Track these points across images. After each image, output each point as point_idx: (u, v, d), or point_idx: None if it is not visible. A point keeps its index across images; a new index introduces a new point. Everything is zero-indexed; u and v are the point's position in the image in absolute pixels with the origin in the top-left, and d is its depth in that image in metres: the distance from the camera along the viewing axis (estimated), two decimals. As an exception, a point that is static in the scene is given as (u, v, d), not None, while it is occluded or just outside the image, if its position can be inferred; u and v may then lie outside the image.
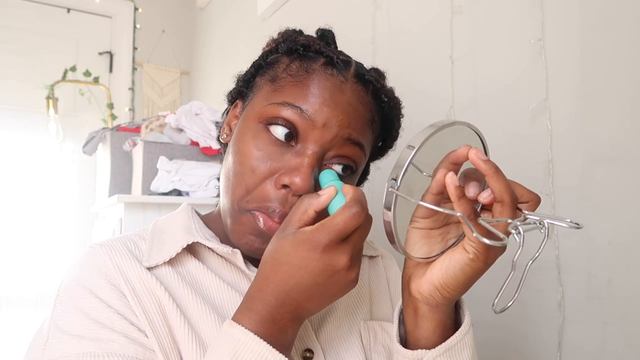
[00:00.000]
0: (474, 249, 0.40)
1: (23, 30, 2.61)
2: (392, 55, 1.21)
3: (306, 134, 0.49)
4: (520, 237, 0.36)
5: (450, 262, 0.42)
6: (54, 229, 2.57)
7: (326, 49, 0.54)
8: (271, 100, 0.51)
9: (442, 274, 0.43)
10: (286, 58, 0.55)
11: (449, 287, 0.43)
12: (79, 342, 0.44)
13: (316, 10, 1.57)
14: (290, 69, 0.53)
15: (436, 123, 0.40)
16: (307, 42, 0.54)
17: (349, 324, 0.56)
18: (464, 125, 0.41)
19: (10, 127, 2.53)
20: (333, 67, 0.52)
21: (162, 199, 1.47)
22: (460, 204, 0.38)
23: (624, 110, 0.73)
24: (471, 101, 0.98)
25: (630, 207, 0.71)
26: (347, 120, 0.50)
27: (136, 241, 0.54)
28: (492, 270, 0.43)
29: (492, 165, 0.38)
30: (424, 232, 0.45)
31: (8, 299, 2.42)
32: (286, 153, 0.50)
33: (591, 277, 0.75)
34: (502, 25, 0.93)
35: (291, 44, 0.55)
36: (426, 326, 0.46)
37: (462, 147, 0.39)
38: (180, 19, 2.99)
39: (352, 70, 0.53)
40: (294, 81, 0.52)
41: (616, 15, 0.74)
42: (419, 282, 0.45)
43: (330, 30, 0.61)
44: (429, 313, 0.45)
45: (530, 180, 0.84)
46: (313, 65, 0.52)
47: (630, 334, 0.70)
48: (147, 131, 1.65)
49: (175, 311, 0.48)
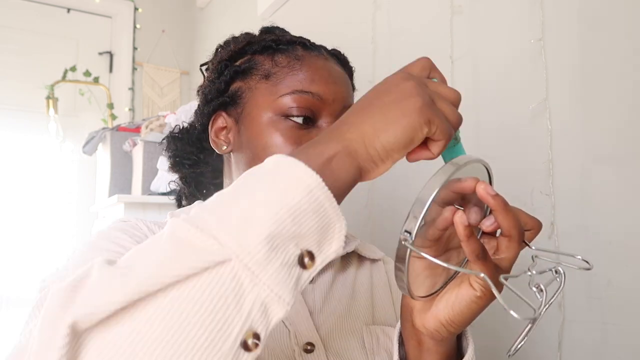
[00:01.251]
0: (481, 287, 0.39)
1: (23, 30, 2.60)
2: (392, 55, 1.21)
3: (320, 112, 0.55)
4: (542, 296, 0.35)
5: (456, 298, 0.41)
6: (54, 229, 2.57)
7: (293, 37, 0.60)
8: (278, 93, 0.55)
9: (449, 311, 0.41)
10: (263, 56, 0.58)
11: (454, 323, 0.41)
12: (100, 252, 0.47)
13: (316, 11, 1.57)
14: (279, 62, 0.57)
15: (454, 161, 0.38)
16: (276, 37, 0.59)
17: (351, 326, 0.56)
18: (479, 163, 0.40)
19: (10, 127, 2.53)
20: (312, 49, 0.58)
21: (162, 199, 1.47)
22: (469, 244, 0.36)
23: (624, 110, 0.73)
24: (471, 101, 0.98)
25: (630, 207, 0.71)
26: (347, 90, 0.58)
27: (154, 229, 0.56)
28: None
29: (501, 201, 0.37)
30: (426, 263, 0.42)
31: (8, 299, 2.42)
32: (310, 133, 0.55)
33: (591, 277, 0.75)
34: (502, 25, 0.93)
35: (262, 43, 0.59)
36: (430, 358, 0.45)
37: (470, 180, 0.38)
38: (180, 19, 2.99)
39: (323, 49, 0.60)
40: (290, 71, 0.56)
41: (616, 15, 0.74)
42: (423, 316, 0.43)
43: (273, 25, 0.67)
44: (434, 347, 0.44)
45: (530, 180, 0.84)
46: (297, 52, 0.57)
47: (630, 334, 0.70)
48: (147, 131, 1.65)
49: None
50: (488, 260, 0.37)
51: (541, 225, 0.40)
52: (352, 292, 0.60)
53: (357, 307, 0.58)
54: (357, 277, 0.62)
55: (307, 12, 1.62)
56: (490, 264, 0.37)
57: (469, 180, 0.38)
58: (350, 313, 0.57)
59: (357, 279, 0.61)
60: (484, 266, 0.37)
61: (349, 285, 0.60)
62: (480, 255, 0.37)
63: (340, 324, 0.55)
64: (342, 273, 0.61)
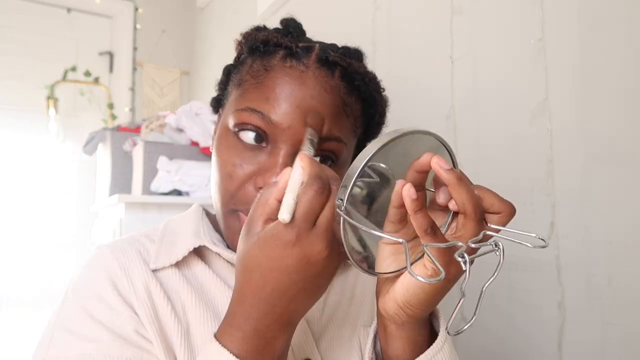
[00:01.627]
0: (433, 266, 0.36)
1: (23, 30, 2.60)
2: (392, 55, 1.21)
3: (274, 135, 0.49)
4: (466, 266, 0.33)
5: (410, 279, 0.39)
6: (54, 229, 2.57)
7: (284, 39, 0.52)
8: (237, 106, 0.51)
9: (404, 292, 0.39)
10: (250, 58, 0.54)
11: (411, 305, 0.40)
12: (81, 343, 0.45)
13: (316, 11, 1.57)
14: (252, 69, 0.52)
15: (397, 130, 0.36)
16: (266, 37, 0.53)
17: (350, 331, 0.55)
18: (427, 135, 0.38)
19: (10, 127, 2.53)
20: (292, 57, 0.51)
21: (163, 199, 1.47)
22: (416, 217, 0.34)
23: (624, 110, 0.73)
24: (471, 101, 0.98)
25: (630, 207, 0.71)
26: (314, 114, 0.48)
27: (144, 242, 0.55)
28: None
29: (455, 175, 0.35)
30: (393, 248, 0.41)
31: (8, 299, 2.42)
32: (259, 155, 0.49)
33: (591, 277, 0.75)
34: (502, 25, 0.93)
35: (252, 43, 0.54)
36: (395, 344, 0.44)
37: (425, 155, 0.36)
38: (180, 19, 2.99)
39: (313, 56, 0.51)
40: (255, 83, 0.51)
41: (616, 15, 0.74)
42: (384, 299, 0.42)
43: (293, 19, 0.59)
44: (397, 331, 0.43)
45: (530, 180, 0.84)
46: (272, 61, 0.51)
47: (630, 334, 0.70)
48: (147, 131, 1.65)
49: (173, 318, 0.48)
50: (438, 235, 0.35)
51: (513, 210, 0.38)
52: (351, 296, 0.59)
53: (357, 311, 0.57)
54: (359, 279, 0.61)
55: (307, 12, 1.62)
56: (440, 240, 0.35)
57: (425, 156, 0.36)
58: (349, 318, 0.56)
59: (359, 281, 0.61)
60: (433, 242, 0.35)
61: (349, 289, 0.60)
62: (429, 231, 0.35)
63: (340, 332, 0.54)
64: (340, 278, 0.60)
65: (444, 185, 0.37)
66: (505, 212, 0.37)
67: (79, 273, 0.52)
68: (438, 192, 0.38)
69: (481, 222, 0.37)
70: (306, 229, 0.37)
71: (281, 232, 0.36)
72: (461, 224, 0.37)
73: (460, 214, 0.37)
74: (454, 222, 0.39)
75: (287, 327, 0.40)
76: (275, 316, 0.38)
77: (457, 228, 0.37)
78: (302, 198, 0.37)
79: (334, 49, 0.53)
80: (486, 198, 0.37)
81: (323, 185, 0.37)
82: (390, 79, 1.21)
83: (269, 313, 0.38)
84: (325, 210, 0.37)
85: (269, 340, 0.39)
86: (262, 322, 0.38)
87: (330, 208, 0.37)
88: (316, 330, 0.54)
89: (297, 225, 0.36)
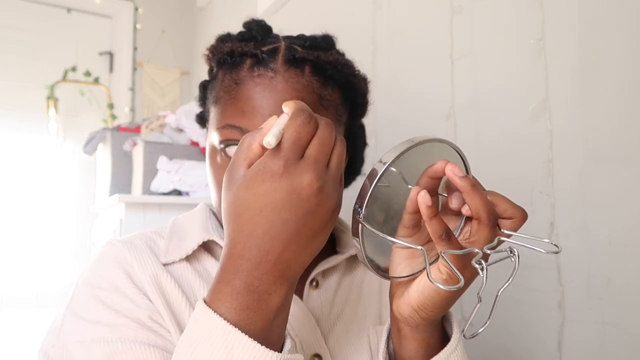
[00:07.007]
0: (448, 270, 0.37)
1: (23, 30, 2.60)
2: (392, 55, 1.21)
3: None
4: (484, 273, 0.34)
5: (426, 282, 0.40)
6: (54, 229, 2.57)
7: (249, 47, 0.52)
8: (218, 124, 0.52)
9: (419, 295, 0.40)
10: (221, 72, 0.55)
11: (426, 308, 0.40)
12: (94, 327, 0.45)
13: (316, 11, 1.57)
14: (224, 85, 0.53)
15: (413, 139, 0.37)
16: (231, 49, 0.53)
17: (358, 329, 0.55)
18: (443, 143, 0.39)
19: (10, 127, 2.53)
20: (259, 65, 0.51)
21: (163, 199, 1.47)
22: (431, 224, 0.35)
23: (623, 110, 0.73)
24: (471, 101, 0.98)
25: (630, 207, 0.71)
26: None
27: (154, 239, 0.56)
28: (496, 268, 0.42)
29: (469, 182, 0.36)
30: (407, 252, 0.42)
31: (8, 299, 2.42)
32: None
33: (591, 277, 0.75)
34: (502, 25, 0.93)
35: (219, 56, 0.55)
36: (409, 346, 0.44)
37: (440, 162, 0.37)
38: (180, 19, 2.99)
39: (280, 58, 0.51)
40: (229, 98, 0.52)
41: (616, 15, 0.74)
42: (398, 303, 0.43)
43: (254, 20, 0.58)
44: (411, 333, 0.44)
45: (530, 180, 0.84)
46: (240, 74, 0.51)
47: (630, 334, 0.70)
48: (148, 131, 1.65)
49: (188, 308, 0.49)
50: (453, 241, 0.36)
51: (525, 215, 0.38)
52: (359, 295, 0.59)
53: (364, 309, 0.58)
54: (365, 278, 0.61)
55: (307, 12, 1.62)
56: (455, 245, 0.36)
57: (439, 163, 0.37)
58: (357, 316, 0.57)
59: (365, 280, 0.61)
60: (448, 248, 0.36)
61: (356, 287, 0.60)
62: (444, 236, 0.35)
63: (347, 329, 0.55)
64: (348, 276, 0.60)
65: (456, 190, 0.38)
66: (517, 217, 0.38)
67: (91, 265, 0.52)
68: (451, 198, 0.39)
69: (495, 228, 0.38)
70: (293, 158, 0.34)
71: (267, 164, 0.34)
72: (475, 230, 0.37)
73: (475, 220, 0.37)
74: (466, 226, 0.40)
75: (282, 281, 0.36)
76: (269, 265, 0.35)
77: (471, 233, 0.38)
78: (288, 128, 0.35)
79: (300, 44, 0.53)
80: (499, 204, 0.38)
81: (309, 116, 0.36)
82: (390, 78, 1.21)
83: (262, 262, 0.35)
84: (314, 142, 0.36)
85: (262, 295, 0.35)
86: (254, 273, 0.35)
87: (317, 140, 0.36)
88: (325, 326, 0.54)
89: (283, 156, 0.34)
